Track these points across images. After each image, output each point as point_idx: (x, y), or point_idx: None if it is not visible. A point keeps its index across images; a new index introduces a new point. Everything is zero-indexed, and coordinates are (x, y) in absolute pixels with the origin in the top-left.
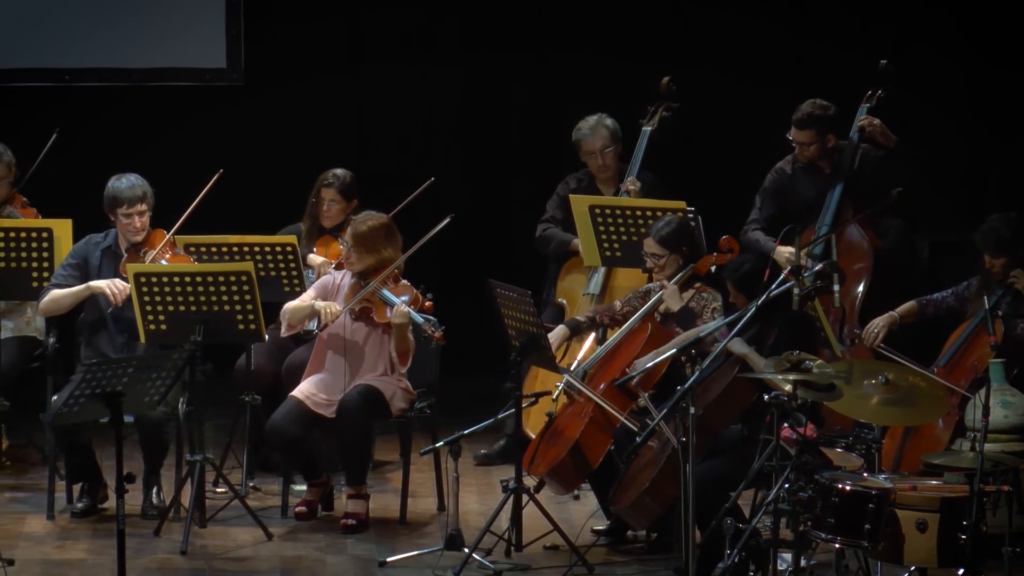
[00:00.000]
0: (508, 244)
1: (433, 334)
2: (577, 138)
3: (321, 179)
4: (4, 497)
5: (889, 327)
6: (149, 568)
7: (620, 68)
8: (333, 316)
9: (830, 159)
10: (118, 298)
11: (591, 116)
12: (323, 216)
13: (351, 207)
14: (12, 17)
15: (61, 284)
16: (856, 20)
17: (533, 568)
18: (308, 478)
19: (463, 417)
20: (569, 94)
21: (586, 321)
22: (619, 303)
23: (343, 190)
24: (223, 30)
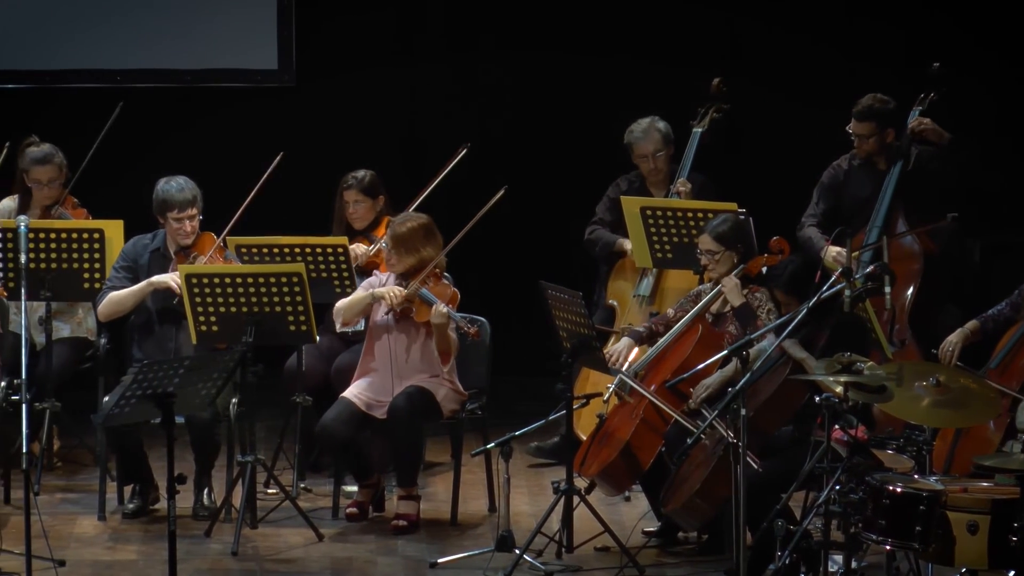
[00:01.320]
0: (560, 245)
1: (468, 330)
2: (629, 141)
3: (341, 184)
4: (55, 498)
5: (963, 343)
6: (200, 569)
7: (671, 69)
8: (397, 298)
9: (887, 156)
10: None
11: (643, 119)
12: (352, 219)
13: (379, 204)
14: (64, 19)
15: (116, 287)
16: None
17: (584, 569)
18: (359, 479)
19: (514, 418)
20: (620, 95)
21: (645, 331)
22: (671, 311)
23: (364, 189)
24: (274, 32)
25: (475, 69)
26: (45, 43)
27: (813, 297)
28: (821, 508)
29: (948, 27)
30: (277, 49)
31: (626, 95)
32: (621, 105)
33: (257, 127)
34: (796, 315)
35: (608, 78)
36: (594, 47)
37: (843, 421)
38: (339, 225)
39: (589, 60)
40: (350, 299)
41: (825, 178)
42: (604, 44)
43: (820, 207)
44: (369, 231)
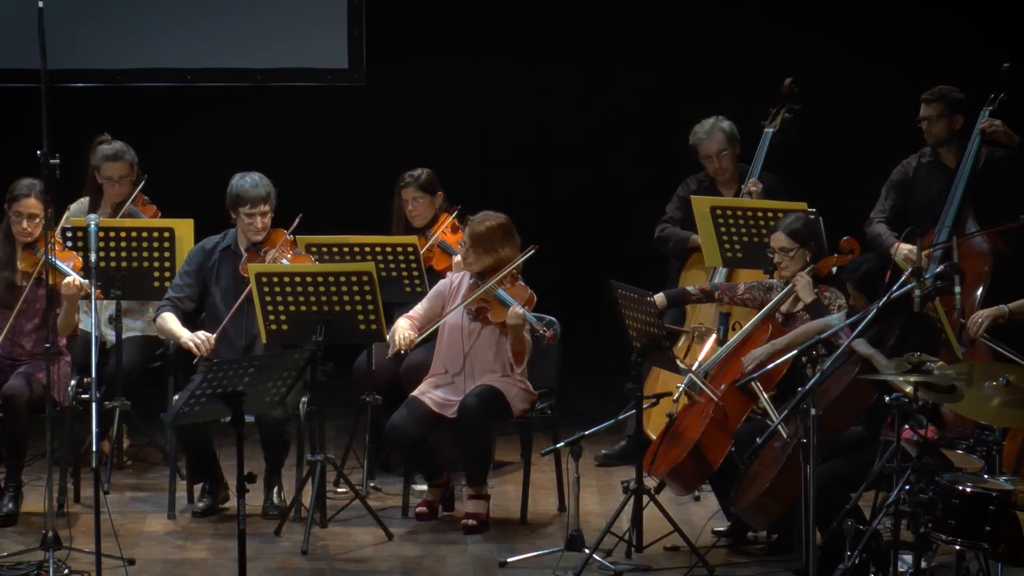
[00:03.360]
0: (630, 244)
1: (544, 333)
2: (693, 142)
3: (398, 182)
4: (125, 497)
5: (995, 319)
6: (270, 568)
7: (742, 68)
8: (399, 345)
9: (956, 152)
10: (203, 349)
11: (707, 119)
12: (412, 216)
13: (437, 201)
14: (135, 18)
15: (176, 297)
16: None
17: (653, 569)
18: (429, 478)
19: (584, 418)
20: (691, 93)
21: (697, 293)
22: (743, 286)
23: (422, 186)
24: (345, 30)
25: (544, 69)
26: (116, 42)
27: (883, 296)
28: (891, 508)
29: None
30: (347, 48)
31: (698, 93)
32: (692, 103)
33: (327, 125)
34: (866, 314)
35: (678, 77)
36: (664, 47)
37: (913, 421)
38: (398, 224)
39: (658, 61)
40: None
41: (895, 175)
42: (674, 44)
43: (888, 203)
44: (426, 228)
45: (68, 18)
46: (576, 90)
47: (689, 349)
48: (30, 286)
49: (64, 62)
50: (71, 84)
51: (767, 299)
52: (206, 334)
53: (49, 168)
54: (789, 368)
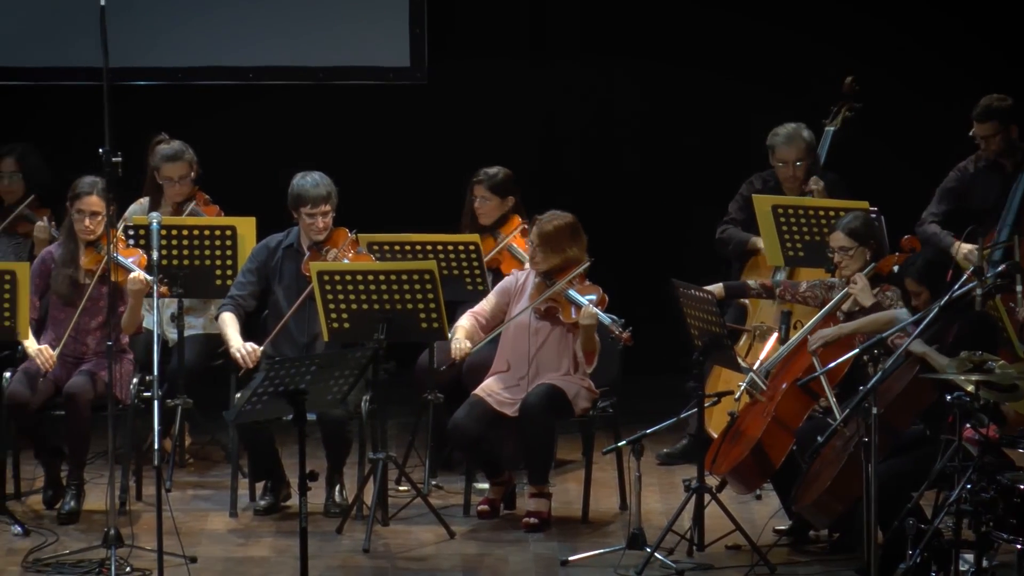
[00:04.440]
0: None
1: (620, 335)
2: (772, 143)
3: (473, 177)
4: (187, 495)
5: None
6: (331, 566)
7: (801, 67)
8: (456, 355)
9: (1014, 155)
10: (247, 360)
11: (790, 123)
12: (479, 214)
13: (507, 204)
14: (197, 16)
15: (239, 295)
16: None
17: (715, 568)
18: (490, 477)
19: (645, 416)
20: (751, 92)
21: (757, 288)
22: (804, 284)
23: (493, 187)
24: (407, 28)
25: (607, 68)
26: (178, 40)
27: (945, 295)
28: (952, 507)
29: None
30: (409, 46)
31: (757, 92)
32: (752, 102)
33: (388, 124)
34: (927, 314)
35: (742, 78)
36: (723, 48)
37: (974, 420)
38: (467, 219)
39: (717, 62)
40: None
41: (950, 181)
42: (735, 45)
43: (942, 207)
44: (496, 228)
45: (130, 16)
46: (637, 90)
47: (750, 348)
48: (94, 284)
49: (126, 60)
50: (133, 82)
51: (828, 297)
52: (253, 346)
53: (111, 166)
54: (851, 367)
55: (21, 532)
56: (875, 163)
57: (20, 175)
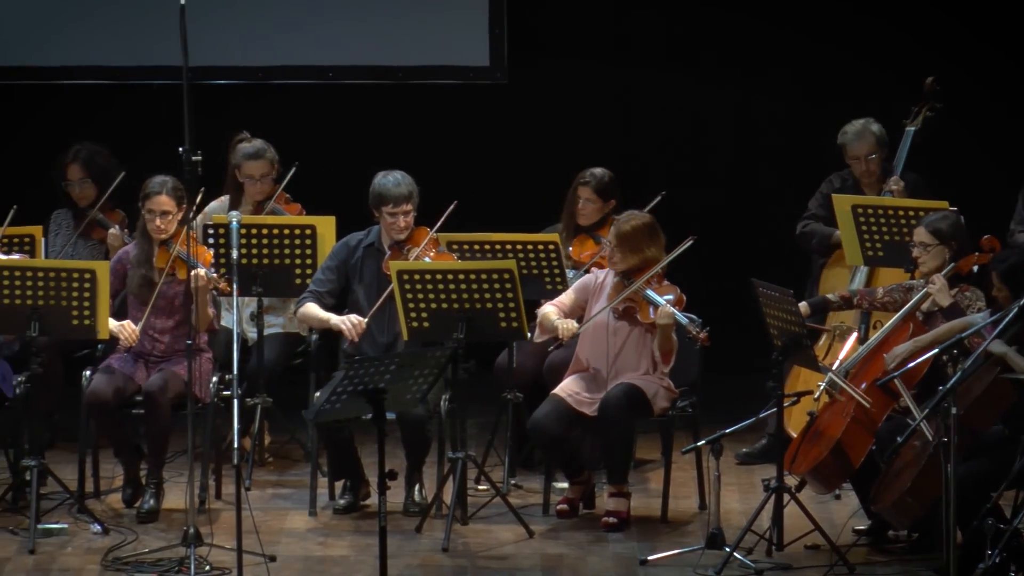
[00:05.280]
0: (771, 242)
1: (698, 335)
2: (842, 142)
3: (578, 177)
4: (267, 494)
5: None
6: (411, 565)
7: (884, 67)
8: (569, 335)
9: None
10: (353, 333)
11: (857, 120)
12: (579, 214)
13: (608, 207)
14: (277, 15)
15: (319, 291)
16: None
17: (794, 567)
18: (570, 476)
19: (725, 416)
20: (832, 91)
21: (838, 301)
22: (881, 290)
23: (598, 189)
24: (486, 28)
25: (687, 67)
26: (258, 39)
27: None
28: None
29: None
30: (489, 46)
31: (839, 91)
32: (834, 101)
33: (468, 123)
34: (1007, 314)
35: (821, 78)
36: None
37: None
38: (568, 217)
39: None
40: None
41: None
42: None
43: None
44: (593, 230)
45: (210, 15)
46: (716, 92)
47: (830, 348)
48: (164, 282)
49: (206, 59)
50: (213, 81)
51: (907, 299)
52: (358, 317)
53: (191, 165)
54: (930, 367)
55: (100, 531)
56: (955, 163)
57: (89, 180)
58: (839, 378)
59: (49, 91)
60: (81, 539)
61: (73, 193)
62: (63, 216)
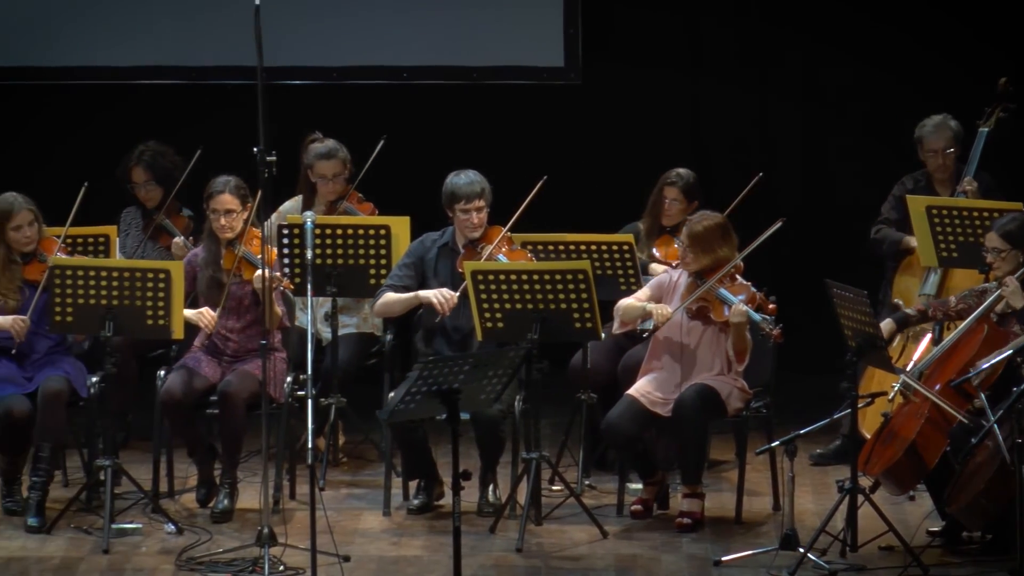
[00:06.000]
0: (845, 243)
1: (771, 332)
2: (920, 135)
3: (664, 177)
4: (341, 494)
5: None
6: (485, 565)
7: (957, 68)
8: (664, 319)
9: None
10: (445, 307)
11: (936, 115)
12: (664, 215)
13: (692, 208)
14: (352, 15)
15: (396, 285)
16: None
17: (868, 568)
18: (644, 477)
19: (799, 416)
20: (902, 94)
21: (916, 315)
22: (954, 299)
23: (685, 190)
24: (561, 29)
25: (761, 69)
26: (333, 39)
27: None
28: None
29: None
30: (563, 46)
31: (912, 94)
32: (907, 104)
33: (542, 123)
34: None
35: (893, 80)
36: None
37: None
38: (652, 218)
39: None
40: (629, 302)
41: None
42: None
43: None
44: (677, 231)
45: (285, 15)
46: (787, 93)
47: (904, 348)
48: (233, 283)
49: (280, 59)
50: (287, 81)
51: (981, 303)
52: (449, 292)
53: (266, 165)
54: (1004, 368)
55: (174, 531)
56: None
57: (153, 182)
58: (913, 380)
59: (124, 91)
60: (155, 539)
61: (139, 195)
62: (132, 215)
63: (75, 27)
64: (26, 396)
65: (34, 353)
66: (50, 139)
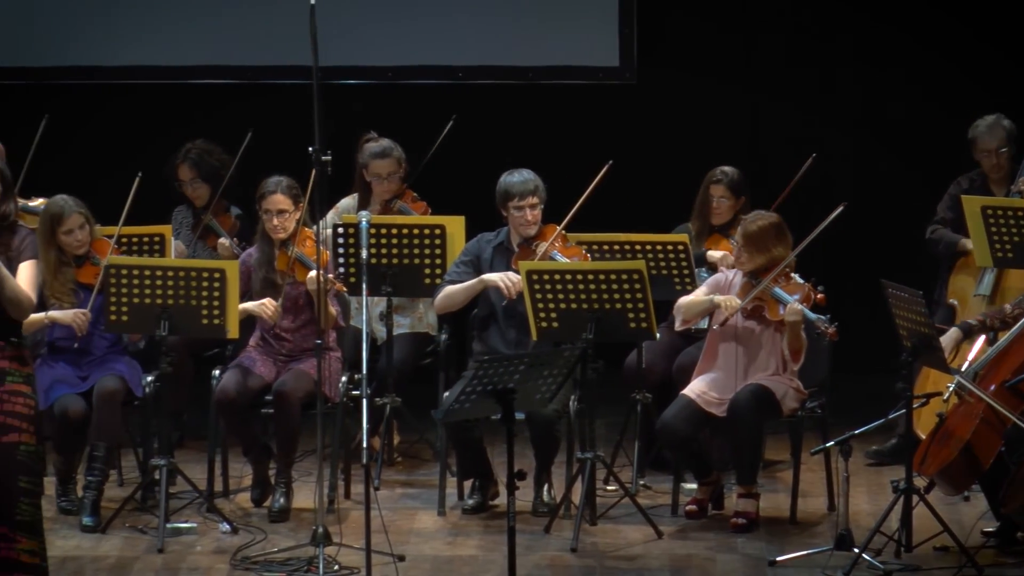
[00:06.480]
0: (901, 244)
1: (826, 331)
2: (973, 135)
3: (709, 176)
4: (395, 493)
5: None
6: (539, 565)
7: (1013, 66)
8: (733, 310)
9: None
10: (511, 291)
11: (989, 115)
12: (712, 213)
13: (739, 204)
14: (407, 14)
15: (455, 281)
16: None
17: (923, 569)
18: (698, 477)
19: (854, 416)
20: (958, 94)
21: (977, 324)
22: (1009, 306)
23: (731, 186)
24: (616, 29)
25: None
26: (388, 38)
27: None
28: None
29: None
30: (618, 46)
31: (969, 93)
32: (963, 104)
33: (597, 124)
34: None
35: (950, 77)
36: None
37: None
38: (701, 218)
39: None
40: (692, 298)
41: None
42: (947, 43)
43: None
44: (725, 229)
45: (340, 15)
46: (845, 92)
47: (959, 349)
48: (287, 283)
49: (336, 59)
50: (342, 81)
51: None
52: (516, 275)
53: (321, 165)
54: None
55: (229, 530)
56: None
57: (199, 179)
58: (968, 380)
59: (175, 90)
60: (210, 538)
61: (187, 193)
62: (183, 214)
63: (134, 27)
64: (81, 396)
65: (90, 354)
66: (107, 139)
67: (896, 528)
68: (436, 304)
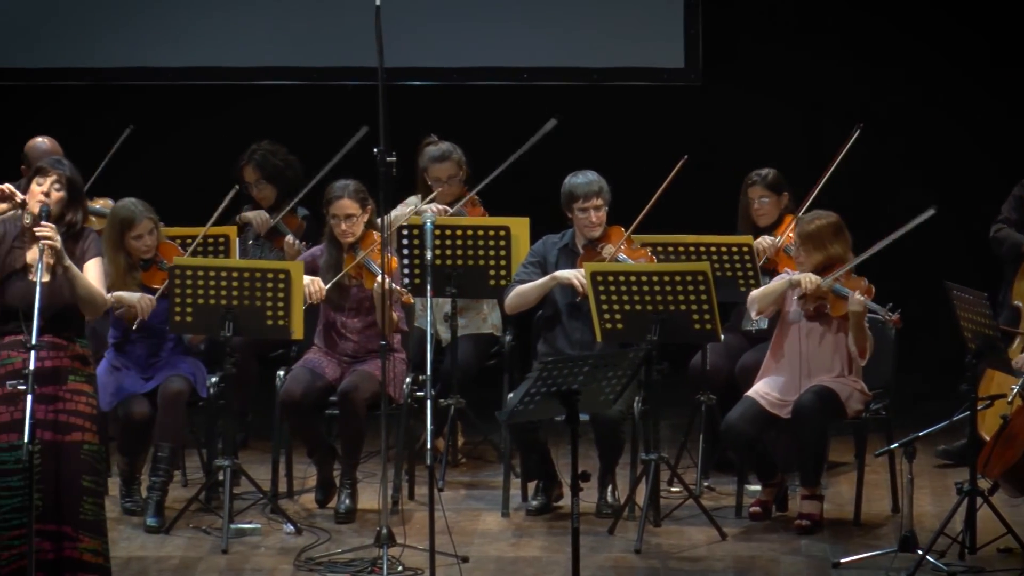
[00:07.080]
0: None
1: (890, 319)
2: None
3: (745, 181)
4: (460, 494)
5: None
6: (603, 566)
7: None
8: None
9: None
10: (586, 287)
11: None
12: (756, 216)
13: (783, 201)
14: (472, 15)
15: (524, 280)
16: None
17: (987, 571)
18: (763, 478)
19: (918, 418)
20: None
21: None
22: None
23: (769, 185)
24: (681, 30)
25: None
26: (453, 40)
27: None
28: None
29: None
30: (684, 47)
31: None
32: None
33: (663, 125)
34: None
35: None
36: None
37: None
38: (744, 222)
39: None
40: (764, 288)
41: None
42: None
43: None
44: (772, 229)
45: (405, 16)
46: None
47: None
48: (355, 286)
49: (401, 60)
50: (407, 82)
51: None
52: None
53: (386, 166)
54: None
55: (293, 531)
56: None
57: (264, 181)
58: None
59: (244, 91)
60: (274, 539)
61: (253, 194)
62: (248, 233)
63: (200, 28)
64: (145, 397)
65: (155, 356)
66: (174, 139)
67: (960, 530)
68: (507, 304)
